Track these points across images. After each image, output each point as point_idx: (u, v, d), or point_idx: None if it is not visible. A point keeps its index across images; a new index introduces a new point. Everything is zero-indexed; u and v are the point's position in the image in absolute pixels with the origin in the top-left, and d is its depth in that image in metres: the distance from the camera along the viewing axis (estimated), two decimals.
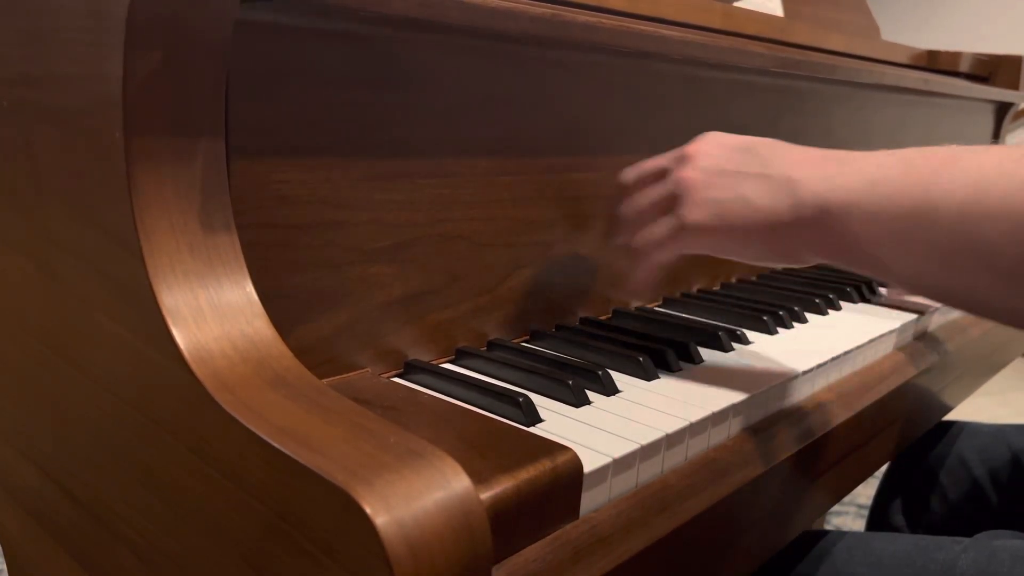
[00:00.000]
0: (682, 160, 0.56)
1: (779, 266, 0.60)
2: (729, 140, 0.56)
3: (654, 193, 0.57)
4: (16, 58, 0.45)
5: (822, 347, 0.67)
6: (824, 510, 0.67)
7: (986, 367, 0.97)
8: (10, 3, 0.45)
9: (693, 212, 0.54)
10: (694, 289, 0.82)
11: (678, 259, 0.58)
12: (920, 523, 0.90)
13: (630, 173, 0.61)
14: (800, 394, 0.62)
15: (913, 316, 0.78)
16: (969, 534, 0.61)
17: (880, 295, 0.87)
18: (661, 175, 0.58)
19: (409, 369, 0.55)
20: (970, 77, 1.30)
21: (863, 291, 0.85)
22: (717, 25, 0.80)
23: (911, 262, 0.46)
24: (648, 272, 0.59)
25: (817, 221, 0.49)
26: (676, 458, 0.50)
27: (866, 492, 1.79)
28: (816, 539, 0.65)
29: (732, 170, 0.53)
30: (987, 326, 0.91)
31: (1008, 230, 0.42)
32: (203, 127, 0.40)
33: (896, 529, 0.90)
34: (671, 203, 0.56)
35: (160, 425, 0.40)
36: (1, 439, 0.56)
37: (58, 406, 0.48)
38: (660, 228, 0.56)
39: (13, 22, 0.45)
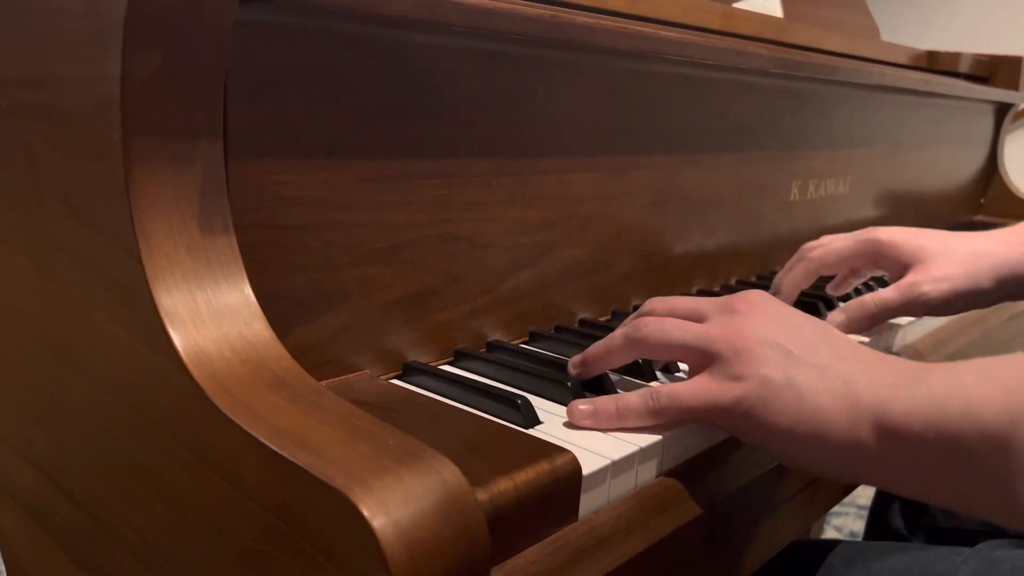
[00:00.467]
0: (728, 313, 0.48)
1: (820, 476, 0.53)
2: (781, 310, 0.48)
3: (689, 335, 0.48)
4: (14, 59, 0.45)
5: None
6: (825, 510, 0.67)
7: None
8: (8, 4, 0.45)
9: (737, 385, 0.44)
10: (694, 290, 0.82)
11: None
12: (920, 525, 0.89)
13: (661, 304, 0.53)
14: None
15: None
16: (969, 536, 0.61)
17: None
18: (698, 318, 0.50)
19: (408, 371, 0.55)
20: (970, 78, 1.30)
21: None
22: (716, 26, 0.80)
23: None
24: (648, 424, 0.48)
25: (876, 441, 0.41)
26: (675, 458, 0.50)
27: (866, 493, 1.79)
28: (810, 549, 0.65)
29: (784, 346, 0.45)
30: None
31: None
32: (202, 128, 0.40)
33: (895, 531, 0.90)
34: (703, 359, 0.47)
35: (159, 426, 0.40)
36: (0, 440, 0.56)
37: (57, 407, 0.48)
38: (690, 393, 0.47)
39: (11, 23, 0.45)
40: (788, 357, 0.44)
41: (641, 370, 0.56)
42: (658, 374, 0.57)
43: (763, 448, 0.46)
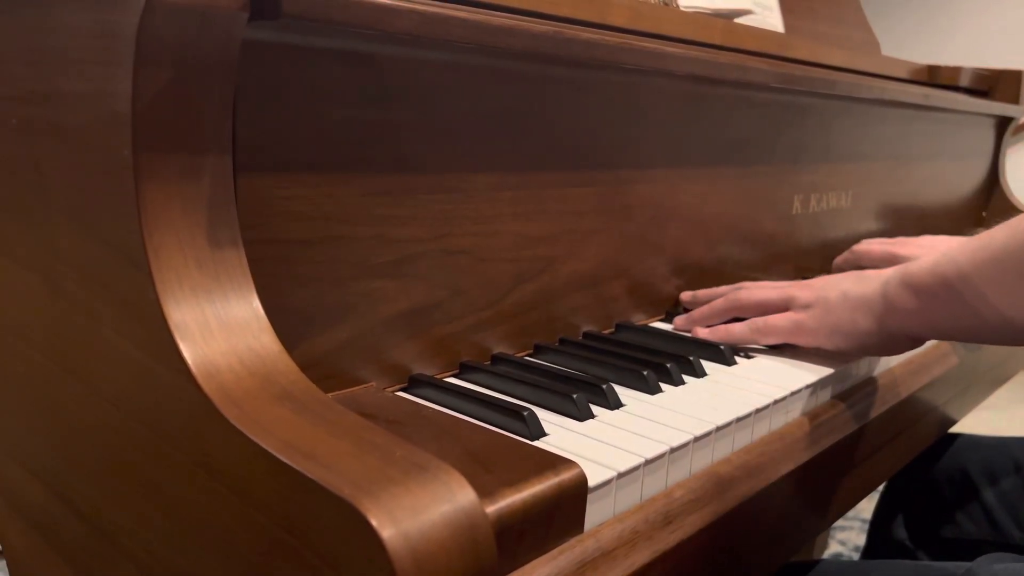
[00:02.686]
0: (796, 285, 0.69)
1: (890, 354, 0.71)
2: (825, 277, 0.69)
3: (771, 294, 0.70)
4: (25, 76, 0.45)
5: (823, 362, 0.67)
6: (829, 524, 0.67)
7: (990, 380, 0.97)
8: (19, 22, 0.45)
9: (808, 311, 0.66)
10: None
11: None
12: (922, 536, 0.89)
13: (749, 284, 0.74)
14: (803, 408, 0.62)
15: None
16: (972, 546, 0.61)
17: None
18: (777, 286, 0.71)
19: (413, 383, 0.56)
20: (970, 92, 1.31)
21: None
22: (718, 41, 0.81)
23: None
24: (747, 342, 0.69)
25: (907, 295, 0.60)
26: (680, 472, 0.50)
27: (870, 507, 1.78)
28: (810, 569, 0.65)
29: (833, 280, 0.67)
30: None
31: None
32: (210, 144, 0.40)
33: (898, 542, 0.90)
34: (785, 307, 0.68)
35: (166, 440, 0.40)
36: (7, 454, 0.56)
37: (64, 420, 0.48)
38: (781, 323, 0.67)
39: (22, 41, 0.45)
40: (836, 281, 0.66)
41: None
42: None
43: (839, 343, 0.65)
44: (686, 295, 0.78)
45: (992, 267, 0.54)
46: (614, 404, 0.54)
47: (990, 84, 1.35)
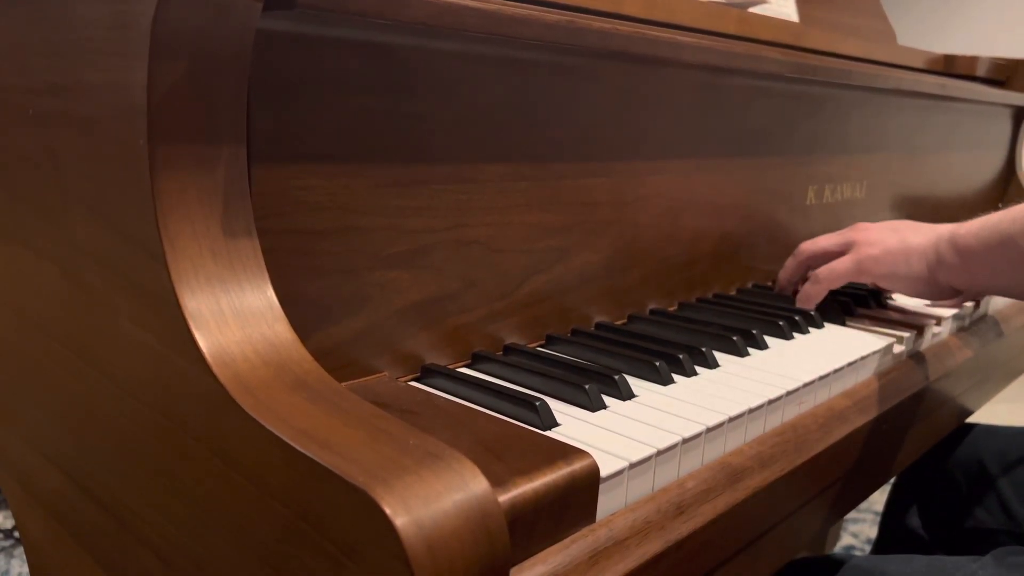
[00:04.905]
0: (853, 229, 0.78)
1: (933, 300, 0.79)
2: (883, 223, 0.78)
3: (833, 239, 0.79)
4: (42, 68, 0.45)
5: (837, 353, 0.66)
6: (842, 515, 0.67)
7: (1005, 372, 0.97)
8: (36, 14, 0.45)
9: (870, 251, 0.75)
10: (710, 295, 0.83)
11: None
12: (937, 526, 0.89)
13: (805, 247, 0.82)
14: (816, 399, 0.61)
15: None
16: (987, 536, 0.61)
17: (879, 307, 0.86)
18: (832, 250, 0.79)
19: (426, 373, 0.56)
20: (987, 81, 1.30)
21: (879, 299, 0.85)
22: (732, 31, 0.80)
23: None
24: (821, 294, 0.77)
25: (955, 253, 0.70)
26: (692, 462, 0.50)
27: (883, 499, 1.78)
28: (813, 566, 0.64)
29: (891, 227, 0.76)
30: (1011, 327, 0.91)
31: None
32: (225, 135, 0.41)
33: (911, 532, 0.90)
34: (845, 250, 0.77)
35: (182, 428, 0.40)
36: (25, 443, 0.57)
37: (82, 410, 0.49)
38: (844, 263, 0.75)
39: (39, 32, 0.45)
40: (894, 230, 0.76)
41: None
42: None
43: (892, 283, 0.75)
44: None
45: None
46: (626, 395, 0.54)
47: (1007, 74, 1.33)
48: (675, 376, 0.58)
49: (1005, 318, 0.93)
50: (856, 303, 0.81)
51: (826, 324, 0.75)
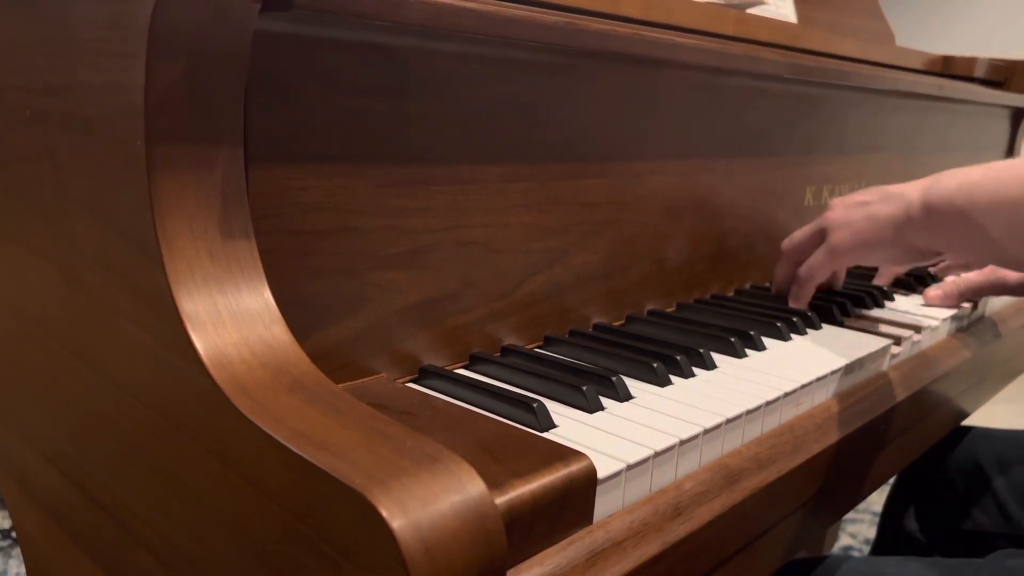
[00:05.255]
0: (825, 216, 0.76)
1: (913, 264, 0.80)
2: (855, 194, 0.76)
3: (807, 230, 0.78)
4: (39, 68, 0.45)
5: (835, 354, 0.67)
6: (840, 516, 0.67)
7: (1003, 373, 0.97)
8: (34, 14, 0.45)
9: (838, 235, 0.73)
10: (708, 296, 0.83)
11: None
12: (934, 528, 0.89)
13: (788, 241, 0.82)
14: (813, 401, 0.62)
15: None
16: (985, 538, 0.61)
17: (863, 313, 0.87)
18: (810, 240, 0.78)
19: (424, 374, 0.56)
20: (985, 82, 1.30)
21: (877, 300, 0.85)
22: (730, 32, 0.80)
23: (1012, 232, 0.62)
24: (809, 292, 0.77)
25: (925, 217, 0.67)
26: (690, 464, 0.50)
27: (881, 500, 1.78)
28: (820, 565, 0.65)
29: (860, 202, 0.73)
30: (1008, 328, 0.91)
31: None
32: (223, 135, 0.41)
33: (909, 535, 0.90)
34: (821, 238, 0.76)
35: (180, 429, 0.40)
36: (23, 442, 0.57)
37: (79, 410, 0.49)
38: (817, 256, 0.75)
39: (36, 32, 0.45)
40: (863, 206, 0.73)
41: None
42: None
43: (871, 260, 0.75)
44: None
45: (1006, 214, 0.61)
46: (624, 396, 0.54)
47: (1006, 75, 1.33)
48: (673, 377, 0.59)
49: (1003, 319, 0.93)
50: (854, 304, 0.82)
51: (824, 325, 0.75)
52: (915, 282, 0.93)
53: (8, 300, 0.53)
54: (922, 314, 0.82)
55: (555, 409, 0.51)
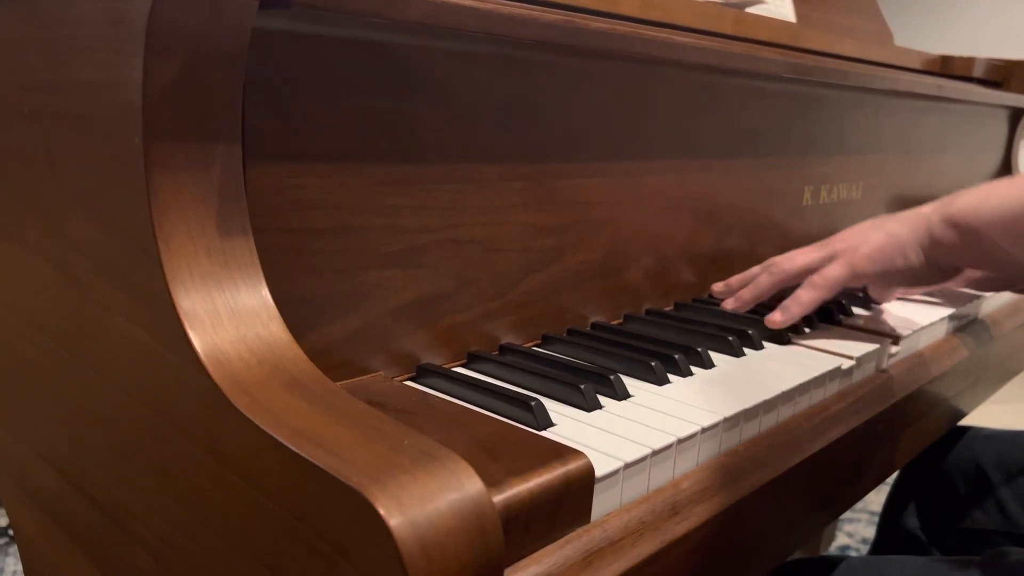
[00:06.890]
0: (830, 240, 0.73)
1: (934, 285, 0.79)
2: (861, 223, 0.74)
3: (813, 256, 0.73)
4: (36, 65, 0.45)
5: (832, 353, 0.67)
6: (837, 515, 0.67)
7: (999, 373, 0.97)
8: (31, 11, 0.45)
9: (857, 254, 0.70)
10: (705, 295, 0.83)
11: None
12: (934, 527, 0.89)
13: (780, 255, 0.76)
14: (809, 400, 0.62)
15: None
16: (984, 537, 0.61)
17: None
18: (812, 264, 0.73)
19: (421, 373, 0.56)
20: (984, 82, 1.30)
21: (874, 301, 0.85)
22: (729, 31, 0.80)
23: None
24: (816, 301, 0.71)
25: (948, 232, 0.68)
26: (687, 462, 0.50)
27: (878, 499, 1.78)
28: (818, 564, 0.65)
29: (871, 226, 0.72)
30: (1002, 330, 0.91)
31: None
32: (220, 133, 0.40)
33: (909, 533, 0.90)
34: (829, 260, 0.72)
35: (177, 427, 0.40)
36: (19, 440, 0.57)
37: (75, 407, 0.49)
38: (834, 270, 0.70)
39: (35, 29, 0.45)
40: (878, 228, 0.72)
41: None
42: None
43: (891, 280, 0.74)
44: (718, 286, 0.79)
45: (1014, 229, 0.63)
46: (622, 395, 0.54)
47: (1004, 75, 1.34)
48: (671, 376, 0.59)
49: (995, 321, 0.93)
50: (851, 305, 0.82)
51: (820, 325, 0.75)
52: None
53: (5, 298, 0.53)
54: (921, 315, 0.82)
55: (553, 408, 0.51)
